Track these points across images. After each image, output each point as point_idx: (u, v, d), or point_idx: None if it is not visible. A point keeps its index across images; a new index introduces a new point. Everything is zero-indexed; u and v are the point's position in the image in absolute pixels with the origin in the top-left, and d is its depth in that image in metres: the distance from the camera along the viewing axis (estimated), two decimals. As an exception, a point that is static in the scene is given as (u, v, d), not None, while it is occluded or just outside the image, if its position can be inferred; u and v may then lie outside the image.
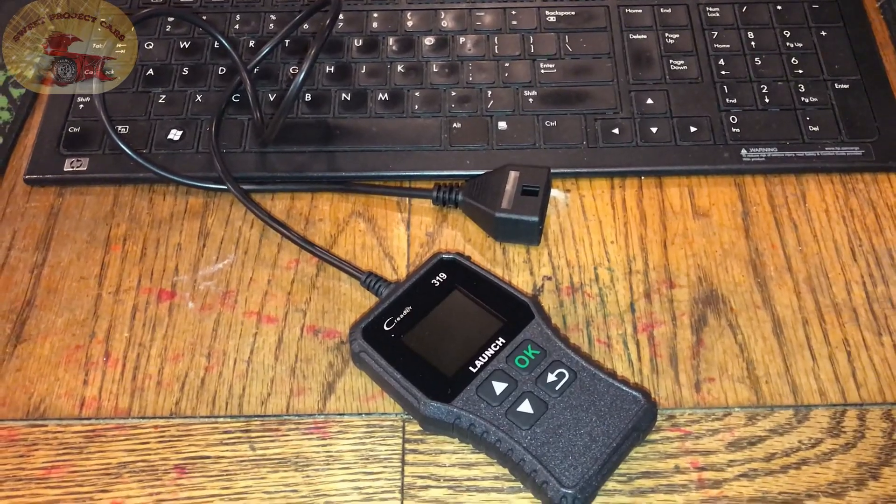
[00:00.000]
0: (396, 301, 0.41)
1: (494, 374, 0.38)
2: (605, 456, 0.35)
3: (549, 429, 0.36)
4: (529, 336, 0.39)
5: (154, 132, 0.51)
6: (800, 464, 0.38)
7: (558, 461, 0.35)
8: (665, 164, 0.49)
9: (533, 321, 0.39)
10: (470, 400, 0.37)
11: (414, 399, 0.37)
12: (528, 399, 0.37)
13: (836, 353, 0.42)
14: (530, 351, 0.38)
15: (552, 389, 0.37)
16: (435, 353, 0.39)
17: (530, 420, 0.36)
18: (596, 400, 0.37)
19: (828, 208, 0.47)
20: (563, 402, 0.37)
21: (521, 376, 0.38)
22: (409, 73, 0.53)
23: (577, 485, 0.35)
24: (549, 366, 0.38)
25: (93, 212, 0.49)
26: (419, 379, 0.38)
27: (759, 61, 0.52)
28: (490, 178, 0.46)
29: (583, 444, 0.36)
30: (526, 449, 0.35)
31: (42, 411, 0.41)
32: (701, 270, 0.45)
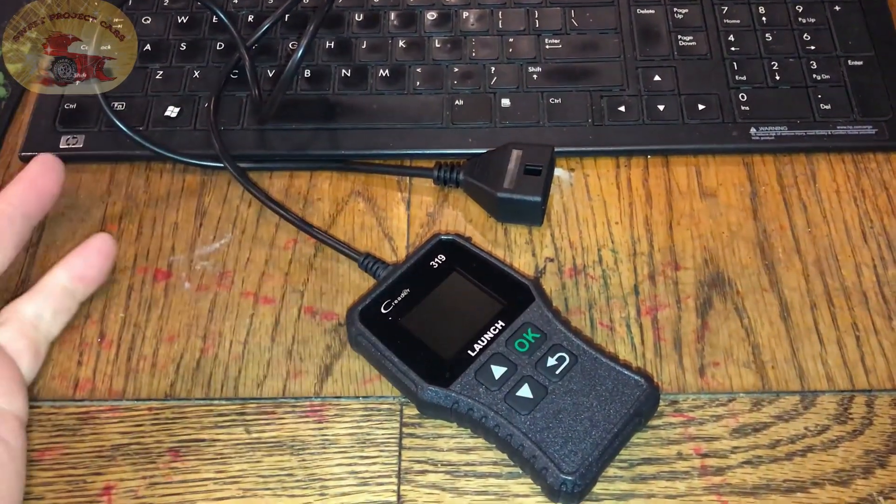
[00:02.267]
0: (394, 283, 0.40)
1: (493, 357, 0.37)
2: (605, 441, 0.35)
3: (549, 414, 0.35)
4: (529, 319, 0.38)
5: (151, 109, 0.50)
6: (805, 451, 0.38)
7: (558, 447, 0.34)
8: (672, 142, 0.47)
9: (533, 304, 0.39)
10: (468, 384, 0.36)
11: (412, 383, 0.37)
12: (528, 383, 0.36)
13: (844, 337, 0.41)
14: (530, 334, 0.38)
15: (552, 374, 0.36)
16: (433, 337, 0.38)
17: (530, 405, 0.36)
18: (597, 384, 0.36)
19: (839, 189, 0.46)
20: (563, 387, 0.36)
21: (521, 360, 0.37)
22: (410, 48, 0.51)
23: (578, 471, 0.34)
24: (550, 349, 0.37)
25: (89, 190, 0.48)
26: (417, 363, 0.37)
27: (769, 37, 0.51)
28: (492, 157, 0.45)
29: (583, 430, 0.35)
30: (525, 434, 0.35)
31: (36, 392, 0.41)
32: (707, 252, 0.44)
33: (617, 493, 0.36)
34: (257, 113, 0.48)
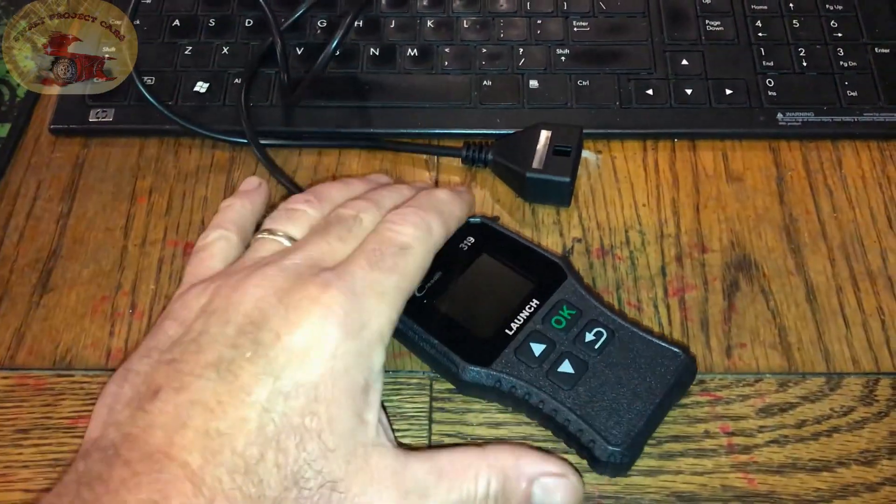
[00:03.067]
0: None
1: (532, 335, 0.37)
2: (649, 412, 0.35)
3: (592, 388, 0.36)
4: (564, 296, 0.38)
5: (181, 84, 0.50)
6: (831, 431, 0.38)
7: (604, 419, 0.35)
8: (699, 126, 0.48)
9: (566, 281, 0.39)
10: (509, 362, 0.36)
11: (452, 364, 0.37)
12: (568, 359, 0.36)
13: (869, 321, 0.41)
14: (566, 311, 0.38)
15: (591, 348, 0.37)
16: (469, 318, 0.38)
17: (572, 380, 0.36)
18: (636, 357, 0.36)
19: (864, 175, 0.46)
20: (602, 361, 0.36)
21: (559, 337, 0.37)
22: (439, 28, 0.52)
23: (625, 442, 0.34)
24: (586, 325, 0.37)
25: (118, 163, 0.48)
26: (456, 344, 0.37)
27: (797, 24, 0.51)
28: (521, 137, 0.45)
29: (626, 402, 0.35)
30: (570, 409, 0.35)
31: (69, 361, 0.41)
32: (734, 235, 0.44)
33: (645, 470, 0.37)
34: (284, 97, 0.48)
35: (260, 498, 0.29)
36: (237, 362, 0.30)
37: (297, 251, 0.35)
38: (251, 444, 0.29)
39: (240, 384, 0.30)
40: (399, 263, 0.35)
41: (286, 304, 0.32)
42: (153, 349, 0.33)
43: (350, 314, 0.32)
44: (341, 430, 0.31)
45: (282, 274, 0.33)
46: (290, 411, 0.30)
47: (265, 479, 0.29)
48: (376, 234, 0.36)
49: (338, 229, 0.36)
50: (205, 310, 0.33)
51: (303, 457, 0.30)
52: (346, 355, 0.31)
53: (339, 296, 0.32)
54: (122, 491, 0.28)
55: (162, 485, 0.28)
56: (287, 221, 0.38)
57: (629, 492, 0.36)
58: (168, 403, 0.30)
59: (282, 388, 0.30)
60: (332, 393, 0.31)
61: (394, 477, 0.31)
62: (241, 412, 0.29)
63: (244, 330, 0.31)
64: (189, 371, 0.30)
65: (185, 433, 0.29)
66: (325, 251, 0.35)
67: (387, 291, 0.34)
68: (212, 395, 0.30)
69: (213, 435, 0.29)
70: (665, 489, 0.36)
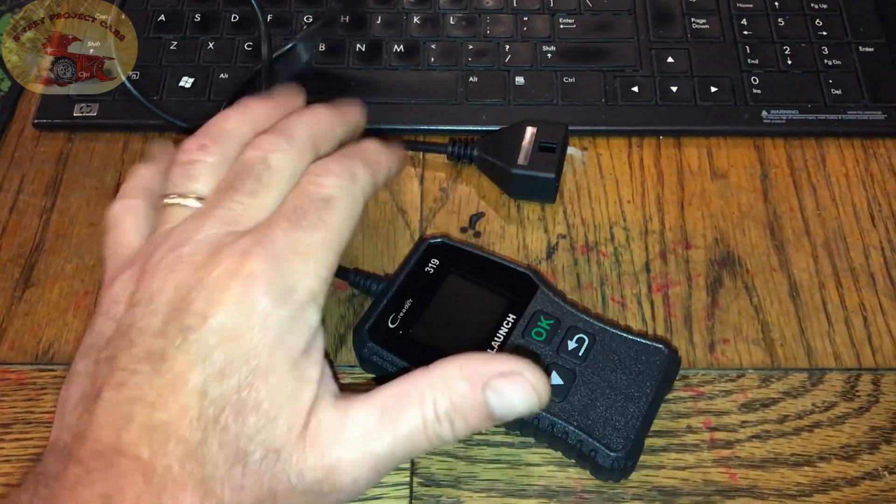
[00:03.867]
0: (395, 295, 0.39)
1: (514, 351, 0.36)
2: (643, 412, 0.35)
3: (583, 396, 0.35)
4: (539, 307, 0.38)
5: (165, 79, 0.50)
6: (813, 426, 0.38)
7: (601, 427, 0.34)
8: (684, 123, 0.48)
9: (538, 291, 0.38)
10: None
11: None
12: (555, 370, 0.36)
13: (851, 317, 0.41)
14: (544, 322, 0.37)
15: (575, 356, 0.36)
16: (448, 342, 0.37)
17: (562, 391, 0.35)
18: (620, 358, 0.36)
19: (848, 173, 0.47)
20: (589, 368, 0.36)
21: (542, 349, 0.37)
22: (425, 24, 0.52)
23: (626, 446, 0.34)
24: (567, 333, 0.37)
25: (102, 158, 0.48)
26: None
27: (782, 22, 0.51)
28: (506, 133, 0.45)
29: (619, 405, 0.35)
30: (567, 421, 0.35)
31: (51, 356, 0.41)
32: (718, 232, 0.44)
33: (627, 464, 0.37)
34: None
35: (209, 479, 0.29)
36: (168, 352, 0.30)
37: (208, 218, 0.32)
38: (194, 429, 0.29)
39: (174, 375, 0.29)
40: (323, 217, 0.32)
41: (206, 284, 0.30)
42: (91, 347, 0.32)
43: (274, 281, 0.30)
44: (281, 398, 0.30)
45: (197, 251, 0.31)
46: (228, 390, 0.29)
47: (210, 459, 0.29)
48: (297, 189, 0.33)
49: (246, 182, 0.33)
50: (131, 301, 0.31)
51: (245, 432, 0.29)
52: (277, 324, 0.30)
53: (261, 263, 0.30)
54: (77, 488, 0.28)
55: (114, 479, 0.28)
56: (187, 179, 0.34)
57: (611, 486, 0.36)
58: (110, 402, 0.29)
59: (216, 369, 0.29)
60: (268, 363, 0.30)
61: (334, 433, 0.31)
62: (180, 401, 0.29)
63: (169, 318, 0.30)
64: (124, 367, 0.30)
65: (131, 429, 0.29)
66: (239, 211, 0.32)
67: (312, 249, 0.32)
68: (149, 389, 0.29)
69: (158, 427, 0.29)
70: (647, 483, 0.37)
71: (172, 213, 0.34)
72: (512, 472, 0.37)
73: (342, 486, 0.31)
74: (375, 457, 0.31)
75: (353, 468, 0.30)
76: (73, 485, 0.28)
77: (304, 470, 0.30)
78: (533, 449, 0.37)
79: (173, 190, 0.34)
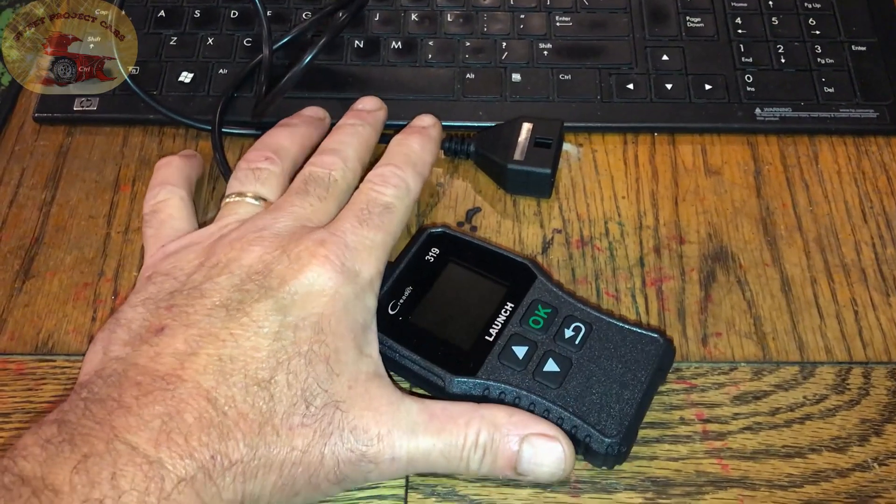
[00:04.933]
0: (395, 283, 0.40)
1: (513, 338, 0.37)
2: (638, 399, 0.35)
3: (579, 383, 0.36)
4: (537, 296, 0.39)
5: (165, 74, 0.50)
6: (804, 419, 0.39)
7: (596, 413, 0.35)
8: (679, 120, 0.48)
9: (536, 281, 0.39)
10: (494, 369, 0.36)
11: (438, 378, 0.36)
12: (552, 357, 0.36)
13: (843, 312, 0.42)
14: (541, 310, 0.38)
15: (572, 344, 0.37)
16: (447, 329, 0.38)
17: (558, 378, 0.36)
18: (616, 347, 0.37)
19: (840, 170, 0.47)
20: (585, 356, 0.37)
21: (539, 337, 0.37)
22: (423, 21, 0.52)
23: (621, 432, 0.35)
24: (564, 321, 0.38)
25: (102, 152, 0.48)
26: (438, 357, 0.37)
27: (776, 21, 0.52)
28: (502, 129, 0.46)
29: (615, 392, 0.35)
30: (562, 407, 0.35)
31: (50, 346, 0.41)
32: (711, 227, 0.45)
33: (621, 455, 0.38)
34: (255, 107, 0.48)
35: (270, 413, 0.31)
36: (246, 302, 0.33)
37: (283, 213, 0.38)
38: (263, 368, 0.32)
39: (250, 319, 0.33)
40: (384, 221, 0.38)
41: (289, 256, 0.35)
42: (148, 300, 0.34)
43: (345, 263, 0.35)
44: (345, 360, 0.34)
45: (278, 236, 0.36)
46: (300, 340, 0.33)
47: (276, 395, 0.31)
48: (361, 195, 0.39)
49: (316, 189, 0.39)
50: (203, 264, 0.35)
51: (312, 376, 0.32)
52: (345, 296, 0.35)
53: (335, 247, 0.35)
54: (134, 406, 0.29)
55: (176, 401, 0.30)
56: (255, 182, 0.40)
57: (604, 477, 0.37)
58: (176, 337, 0.32)
59: (290, 321, 0.33)
60: (335, 327, 0.34)
61: (389, 407, 0.34)
62: (252, 342, 0.32)
63: (251, 278, 0.34)
64: (195, 312, 0.33)
65: (196, 360, 0.31)
66: (310, 211, 0.38)
67: (375, 245, 0.37)
68: (222, 328, 0.32)
69: (226, 360, 0.31)
70: (640, 474, 0.37)
71: (239, 207, 0.39)
72: (507, 463, 0.37)
73: (381, 459, 0.33)
74: (416, 449, 0.33)
75: (396, 448, 0.33)
76: (131, 404, 0.29)
77: (357, 427, 0.33)
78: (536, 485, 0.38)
79: (240, 189, 0.40)
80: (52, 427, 0.29)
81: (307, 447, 0.32)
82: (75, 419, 0.29)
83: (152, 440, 0.29)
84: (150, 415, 0.29)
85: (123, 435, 0.29)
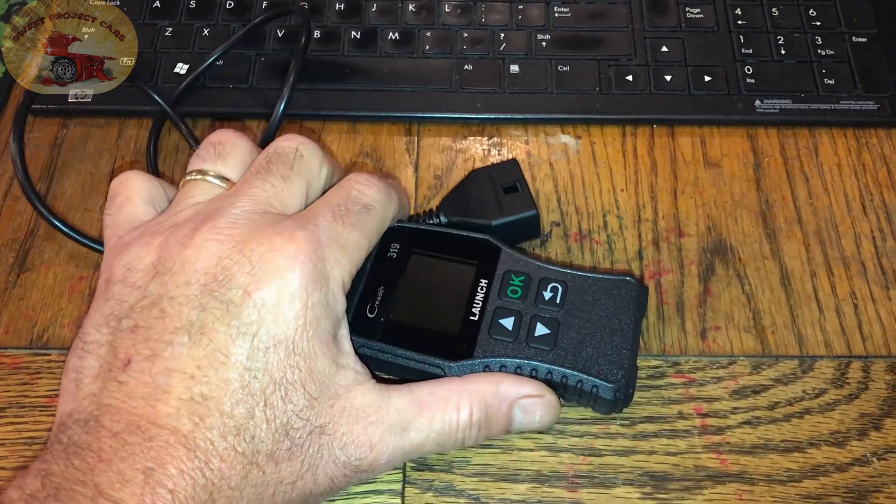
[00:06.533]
0: (366, 286, 0.39)
1: (497, 312, 0.37)
2: (629, 341, 0.36)
3: (571, 340, 0.36)
4: (507, 267, 0.38)
5: (160, 65, 0.50)
6: (803, 413, 0.38)
7: (595, 363, 0.36)
8: (678, 112, 0.48)
9: (502, 252, 0.39)
10: (489, 345, 0.36)
11: (437, 368, 0.36)
12: (540, 321, 0.37)
13: (842, 305, 0.42)
14: (516, 280, 0.38)
15: (553, 304, 0.37)
16: (431, 319, 0.38)
17: (551, 339, 0.36)
18: (595, 297, 0.37)
19: (840, 162, 0.47)
20: (569, 313, 0.37)
21: (521, 305, 0.37)
22: (420, 12, 0.52)
23: (624, 375, 0.35)
24: (539, 285, 0.38)
25: (97, 144, 0.48)
26: (431, 348, 0.37)
27: (776, 12, 0.52)
28: (464, 190, 0.43)
29: (606, 340, 0.36)
30: (563, 366, 0.36)
31: (45, 340, 0.41)
32: (710, 220, 0.45)
33: (619, 450, 0.37)
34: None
35: (254, 454, 0.29)
36: (208, 323, 0.30)
37: (242, 196, 0.34)
38: (238, 404, 0.29)
39: (215, 346, 0.30)
40: (362, 220, 0.35)
41: (249, 258, 0.31)
42: (109, 317, 0.31)
43: (317, 265, 0.32)
44: (321, 378, 0.31)
45: (235, 224, 0.32)
46: (271, 367, 0.30)
47: (257, 435, 0.30)
48: (340, 190, 0.35)
49: (279, 167, 0.35)
50: (156, 269, 0.32)
51: (290, 408, 0.30)
52: (315, 306, 0.31)
53: (305, 246, 0.32)
54: (115, 460, 0.28)
55: (155, 452, 0.28)
56: (216, 158, 0.36)
57: (603, 471, 0.37)
58: (143, 373, 0.29)
59: (259, 344, 0.30)
60: (308, 347, 0.31)
61: (377, 412, 0.32)
62: (222, 374, 0.30)
63: (209, 288, 0.31)
64: (157, 338, 0.30)
65: (169, 401, 0.29)
66: (272, 193, 0.34)
67: (349, 245, 0.34)
68: (188, 360, 0.30)
69: (198, 399, 0.29)
70: (638, 468, 0.37)
71: (196, 187, 0.35)
72: (504, 457, 0.37)
73: (377, 464, 0.32)
74: (410, 444, 0.33)
75: (390, 450, 0.32)
76: (111, 457, 0.28)
77: (347, 444, 0.32)
78: (525, 434, 0.38)
79: (201, 167, 0.36)
80: (35, 481, 0.28)
81: (297, 477, 0.31)
82: (59, 472, 0.28)
83: (137, 495, 0.27)
84: (131, 469, 0.28)
85: (107, 492, 0.27)
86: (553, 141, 0.48)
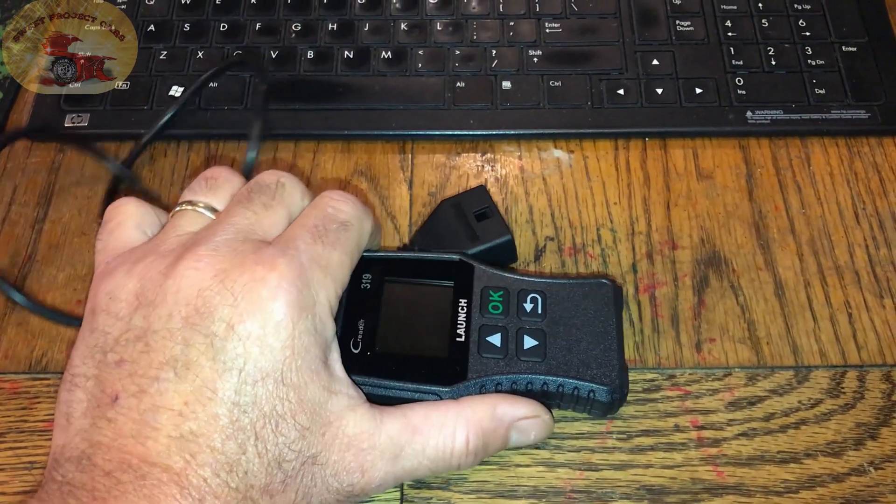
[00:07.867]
0: (346, 322, 0.38)
1: (482, 330, 0.37)
2: (615, 341, 0.36)
3: (560, 348, 0.36)
4: (484, 283, 0.38)
5: (155, 88, 0.50)
6: (799, 424, 0.39)
7: (587, 368, 0.36)
8: (670, 125, 0.48)
9: (475, 270, 0.39)
10: (480, 364, 0.36)
11: (433, 395, 0.36)
12: (526, 334, 0.37)
13: (837, 314, 0.42)
14: (494, 295, 0.38)
15: (536, 315, 0.37)
16: (417, 345, 0.37)
17: (540, 350, 0.36)
18: (574, 303, 0.38)
19: (832, 171, 0.47)
20: (552, 321, 0.37)
21: (505, 320, 0.37)
22: (412, 30, 0.52)
23: (617, 377, 0.36)
24: (519, 297, 0.38)
25: (94, 168, 0.48)
26: (423, 375, 0.36)
27: (766, 23, 0.52)
28: (436, 222, 0.44)
29: (594, 344, 0.36)
30: (557, 375, 0.36)
31: (44, 365, 0.41)
32: (704, 232, 0.45)
33: (616, 464, 0.37)
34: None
35: (248, 488, 0.29)
36: (192, 358, 0.30)
37: (223, 224, 0.33)
38: (228, 439, 0.29)
39: (202, 382, 0.29)
40: (342, 238, 0.34)
41: (231, 289, 0.30)
42: (95, 349, 0.31)
43: (301, 291, 0.31)
44: (312, 408, 0.31)
45: (216, 253, 0.32)
46: (260, 400, 0.30)
47: (250, 470, 0.29)
48: (316, 209, 0.35)
49: (260, 196, 0.35)
50: (139, 300, 0.31)
51: (281, 441, 0.30)
52: (303, 335, 0.31)
53: (288, 273, 0.31)
54: (109, 499, 0.28)
55: (148, 490, 0.28)
56: (206, 191, 0.36)
57: (600, 486, 0.37)
58: (131, 410, 0.29)
59: (247, 378, 0.30)
60: (297, 375, 0.31)
61: (369, 438, 0.32)
62: (210, 410, 0.29)
63: (191, 321, 0.30)
64: (143, 373, 0.30)
65: (158, 438, 0.29)
66: (252, 221, 0.34)
67: (332, 265, 0.33)
68: (175, 396, 0.29)
69: (188, 437, 0.29)
70: (635, 482, 0.37)
71: (184, 217, 0.35)
72: (501, 474, 0.37)
73: (369, 489, 0.32)
74: (402, 470, 0.33)
75: (383, 475, 0.32)
76: (105, 496, 0.28)
77: (339, 471, 0.32)
78: (522, 450, 0.38)
79: (191, 198, 0.36)
80: None
81: None
82: None
83: None
84: None
85: None
86: (546, 156, 0.48)
